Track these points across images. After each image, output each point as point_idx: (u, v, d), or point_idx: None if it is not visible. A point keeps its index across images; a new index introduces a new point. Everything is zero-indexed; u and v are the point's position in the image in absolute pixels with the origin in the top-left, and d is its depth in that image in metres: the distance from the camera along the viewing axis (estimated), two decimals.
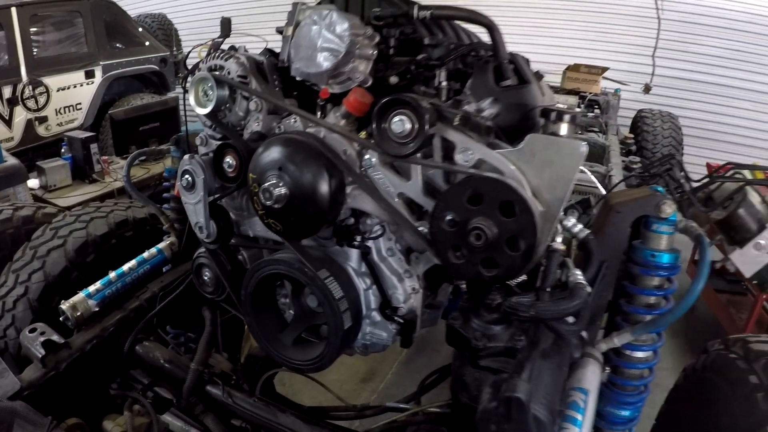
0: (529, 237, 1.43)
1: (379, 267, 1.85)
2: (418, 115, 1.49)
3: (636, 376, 1.79)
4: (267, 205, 1.64)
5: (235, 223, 2.03)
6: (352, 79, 1.75)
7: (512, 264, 1.47)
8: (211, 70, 1.87)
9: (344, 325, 1.70)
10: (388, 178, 1.67)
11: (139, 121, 5.69)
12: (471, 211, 1.47)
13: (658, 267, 1.68)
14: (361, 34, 1.73)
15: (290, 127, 1.81)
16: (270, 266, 1.76)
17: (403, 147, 1.52)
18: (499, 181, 1.45)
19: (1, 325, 2.39)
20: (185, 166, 1.90)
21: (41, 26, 7.22)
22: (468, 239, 1.46)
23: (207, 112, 1.81)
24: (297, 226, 1.68)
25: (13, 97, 6.69)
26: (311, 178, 1.61)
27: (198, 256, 2.11)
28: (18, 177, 4.69)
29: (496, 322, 1.62)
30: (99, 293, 2.28)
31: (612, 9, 7.65)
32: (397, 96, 1.51)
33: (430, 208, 1.59)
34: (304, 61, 1.74)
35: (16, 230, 2.88)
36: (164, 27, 8.96)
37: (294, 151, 1.63)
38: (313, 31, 1.73)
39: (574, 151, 1.46)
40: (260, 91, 1.81)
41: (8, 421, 1.60)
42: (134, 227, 2.80)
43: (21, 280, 2.44)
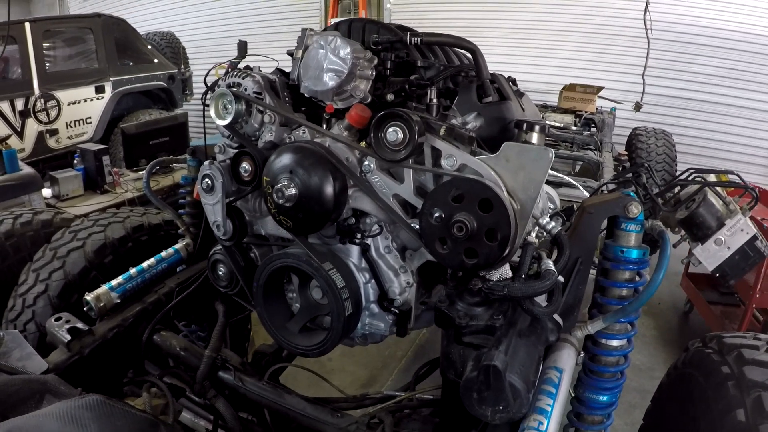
0: (505, 229, 1.62)
1: (377, 263, 2.08)
2: (408, 126, 1.74)
3: (612, 363, 1.96)
4: (279, 204, 1.88)
5: (249, 224, 2.26)
6: (353, 96, 1.99)
7: (490, 253, 1.65)
8: (229, 87, 2.10)
9: (346, 311, 1.92)
10: (384, 181, 1.90)
11: (150, 135, 5.90)
12: (454, 207, 1.67)
13: (627, 261, 1.87)
14: (361, 57, 1.98)
15: (299, 137, 2.04)
16: (280, 259, 1.99)
17: (396, 153, 1.77)
18: (478, 182, 1.66)
19: (22, 320, 2.53)
20: (205, 171, 2.13)
21: (54, 42, 7.42)
22: (452, 231, 1.67)
23: (226, 123, 2.05)
24: (305, 223, 1.91)
25: (25, 109, 6.88)
26: (318, 180, 1.84)
27: (214, 253, 2.33)
28: (33, 185, 4.90)
29: (478, 305, 1.80)
30: (120, 287, 2.50)
31: (606, 30, 7.90)
32: (391, 110, 1.76)
33: (420, 206, 1.80)
34: (312, 80, 1.98)
35: (35, 233, 3.03)
36: (172, 45, 9.17)
37: (303, 157, 1.87)
38: (320, 54, 1.97)
39: (543, 157, 1.67)
40: (273, 105, 2.04)
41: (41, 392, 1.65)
42: (149, 232, 2.98)
43: (41, 278, 2.59)
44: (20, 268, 2.73)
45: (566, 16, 8.22)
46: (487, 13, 8.55)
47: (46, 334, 2.37)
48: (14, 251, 2.96)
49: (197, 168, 2.80)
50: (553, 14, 8.27)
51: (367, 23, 2.24)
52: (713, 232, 2.21)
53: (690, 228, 2.28)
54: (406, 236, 2.04)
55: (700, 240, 2.26)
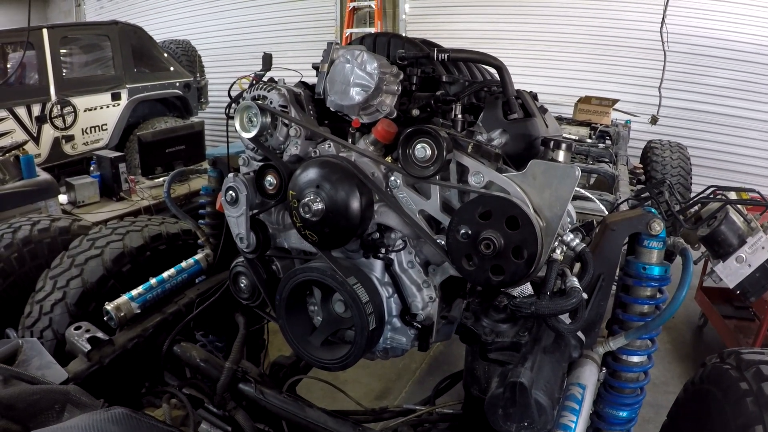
0: (532, 247, 1.62)
1: (400, 277, 2.08)
2: (437, 143, 1.74)
3: (632, 379, 1.97)
4: (305, 218, 1.88)
5: (272, 236, 2.26)
6: (379, 111, 1.99)
7: (517, 270, 1.66)
8: (254, 100, 2.11)
9: (369, 326, 1.92)
10: (411, 197, 1.90)
11: (166, 143, 5.92)
12: (481, 224, 1.68)
13: (649, 278, 1.88)
14: (387, 72, 1.98)
15: (325, 151, 2.04)
16: (304, 273, 1.99)
17: (424, 170, 1.77)
18: (505, 199, 1.67)
19: (38, 327, 2.52)
20: (229, 183, 2.14)
21: (71, 48, 7.52)
22: (479, 249, 1.67)
23: (251, 136, 2.05)
24: (330, 237, 1.91)
25: (41, 115, 6.96)
26: (345, 195, 1.85)
27: (236, 265, 2.33)
28: (50, 191, 4.93)
29: (503, 321, 1.82)
30: (141, 297, 2.50)
31: (622, 42, 7.87)
32: (419, 127, 1.76)
33: (447, 223, 1.80)
34: (338, 95, 1.98)
35: (52, 240, 3.04)
36: (188, 53, 9.23)
37: (330, 172, 1.87)
38: (346, 68, 1.97)
39: (570, 175, 1.67)
40: (299, 119, 2.04)
41: (62, 402, 1.64)
42: (167, 241, 2.98)
43: (59, 285, 2.58)
44: (37, 275, 2.73)
45: (581, 28, 8.21)
46: (502, 25, 8.55)
47: (63, 342, 2.37)
48: (31, 258, 2.96)
49: (218, 179, 2.81)
50: (568, 26, 8.26)
51: (393, 38, 2.25)
52: (735, 249, 2.21)
53: (711, 245, 2.29)
54: (429, 251, 2.04)
55: (721, 257, 2.27)
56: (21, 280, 2.89)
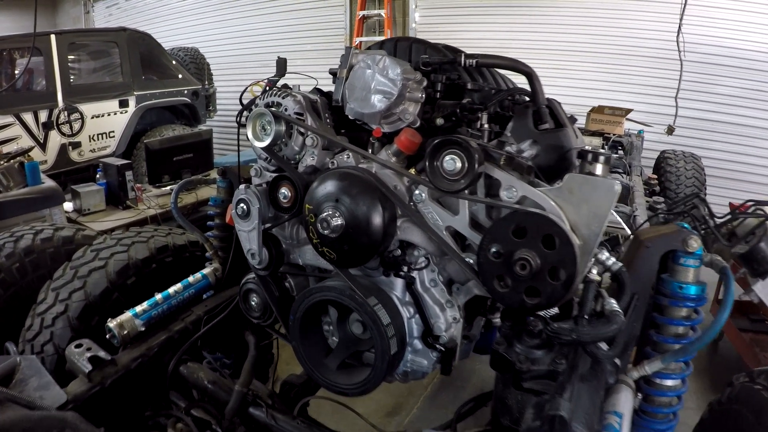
0: (570, 267, 1.51)
1: (422, 297, 1.94)
2: (468, 154, 1.61)
3: (665, 404, 1.87)
4: (323, 234, 1.75)
5: (285, 252, 2.14)
6: (402, 120, 1.87)
7: (553, 292, 1.54)
8: (268, 107, 1.99)
9: (391, 350, 1.79)
10: (437, 213, 1.77)
11: (174, 151, 5.82)
12: (516, 243, 1.57)
13: (685, 298, 1.78)
14: (411, 78, 1.85)
15: (343, 162, 1.92)
16: (321, 293, 1.86)
17: (453, 183, 1.64)
18: (542, 216, 1.55)
19: (39, 341, 2.42)
20: (241, 195, 2.01)
21: (79, 54, 7.47)
22: (513, 269, 1.56)
23: (265, 145, 1.93)
24: (350, 255, 1.78)
25: (48, 121, 6.91)
26: (366, 210, 1.72)
27: (246, 282, 2.21)
28: (55, 199, 4.82)
29: (538, 347, 1.70)
30: (145, 314, 2.37)
31: (635, 51, 7.74)
32: (449, 137, 1.63)
33: (476, 241, 1.69)
34: (358, 102, 1.86)
35: (55, 250, 2.96)
36: (197, 61, 9.16)
37: (351, 185, 1.74)
38: (367, 74, 1.85)
39: (609, 190, 1.56)
40: (316, 127, 1.92)
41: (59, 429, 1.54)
42: (174, 253, 2.86)
43: (61, 298, 2.49)
44: (39, 286, 2.64)
45: (593, 37, 8.08)
46: (514, 34, 8.42)
47: (64, 358, 2.26)
48: (33, 268, 2.88)
49: (227, 189, 2.70)
50: (580, 35, 8.13)
51: (414, 43, 2.13)
52: None
53: (750, 263, 2.19)
54: (453, 269, 1.91)
55: (760, 275, 2.17)
56: (22, 291, 2.80)
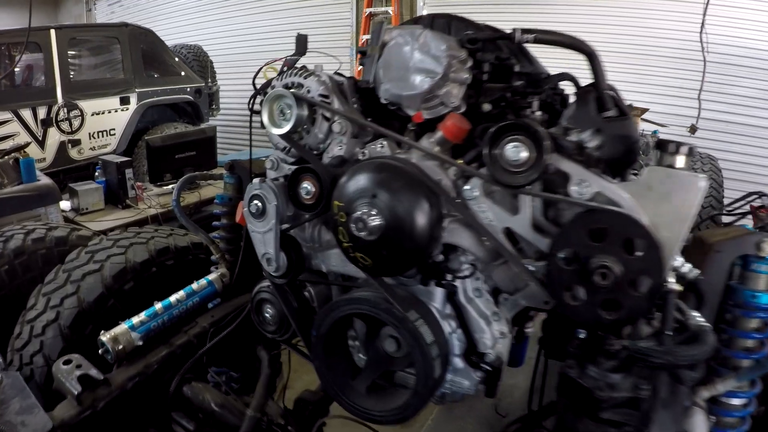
0: (656, 276, 1.31)
1: (465, 308, 1.68)
2: (536, 142, 1.34)
3: (733, 425, 1.75)
4: (357, 237, 1.47)
5: (305, 257, 1.86)
6: (445, 104, 1.59)
7: (636, 305, 1.33)
8: (287, 88, 1.72)
9: (435, 372, 1.52)
10: (493, 211, 1.50)
11: (176, 148, 5.59)
12: (593, 247, 1.34)
13: (758, 308, 1.66)
14: (456, 56, 1.58)
15: (376, 152, 1.65)
16: (351, 306, 1.58)
17: (517, 176, 1.37)
18: (626, 216, 1.34)
19: (28, 351, 2.23)
20: (255, 190, 1.74)
21: (79, 50, 7.32)
22: (591, 279, 1.32)
23: (284, 132, 1.65)
24: (389, 262, 1.51)
25: (47, 118, 6.76)
26: (411, 207, 1.44)
27: (259, 291, 1.93)
28: (50, 197, 4.63)
29: (615, 370, 1.48)
30: (143, 326, 2.10)
31: (654, 51, 7.52)
32: (514, 120, 1.37)
33: (539, 245, 1.46)
34: (395, 83, 1.59)
35: (48, 251, 2.78)
36: (200, 58, 8.96)
37: (391, 178, 1.46)
38: (405, 51, 1.58)
39: (695, 185, 1.36)
40: (346, 111, 1.65)
41: None
42: (175, 255, 2.64)
43: (52, 304, 2.30)
44: (30, 290, 2.45)
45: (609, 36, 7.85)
46: None
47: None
48: (24, 270, 2.72)
49: (236, 186, 2.43)
50: (596, 33, 7.87)
51: (454, 19, 1.87)
52: None
53: None
54: (500, 276, 1.64)
55: None
56: (12, 296, 2.62)
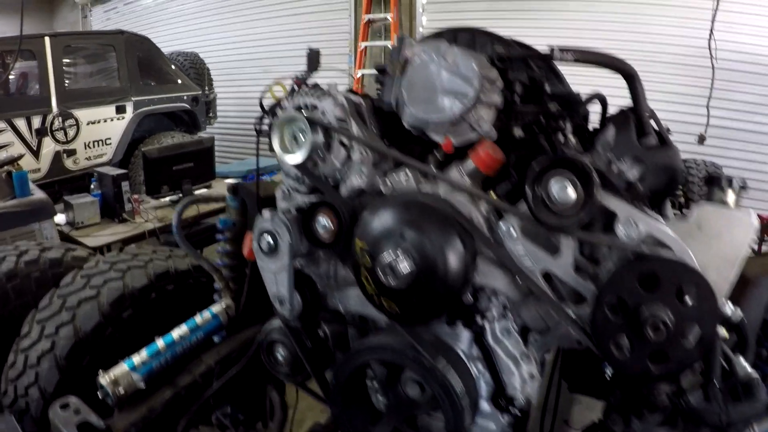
0: (709, 326, 1.23)
1: (493, 350, 1.55)
2: (585, 179, 1.21)
3: None
4: (386, 284, 1.33)
5: (320, 295, 1.72)
6: (475, 130, 1.45)
7: (687, 357, 1.25)
8: (299, 110, 1.58)
9: (465, 423, 1.39)
10: (531, 252, 1.37)
11: (173, 160, 5.40)
12: (643, 296, 1.23)
13: None
14: (488, 76, 1.45)
15: (400, 183, 1.51)
16: (374, 353, 1.45)
17: (564, 218, 1.24)
18: (679, 264, 1.23)
19: (23, 382, 2.11)
20: (265, 224, 1.59)
21: (74, 58, 7.19)
22: (642, 329, 1.21)
23: (298, 161, 1.51)
24: (420, 309, 1.37)
25: (42, 127, 6.62)
26: (444, 251, 1.30)
27: (270, 332, 1.78)
28: (45, 212, 4.46)
29: (662, 424, 1.37)
30: (145, 366, 1.94)
31: (659, 58, 7.40)
32: (559, 156, 1.25)
33: (582, 290, 1.33)
34: (421, 106, 1.45)
35: (42, 273, 2.63)
36: (197, 66, 8.79)
37: (423, 217, 1.32)
38: (431, 69, 1.44)
39: (746, 224, 1.31)
40: (368, 138, 1.51)
41: None
42: (176, 280, 2.48)
43: (47, 332, 2.16)
44: (23, 315, 2.32)
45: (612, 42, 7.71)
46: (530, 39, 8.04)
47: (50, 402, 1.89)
48: (17, 295, 2.57)
49: (239, 210, 2.28)
50: (600, 40, 7.77)
51: (479, 34, 1.73)
52: None
53: None
54: (529, 315, 1.51)
55: None
56: (4, 322, 2.48)
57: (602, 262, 1.41)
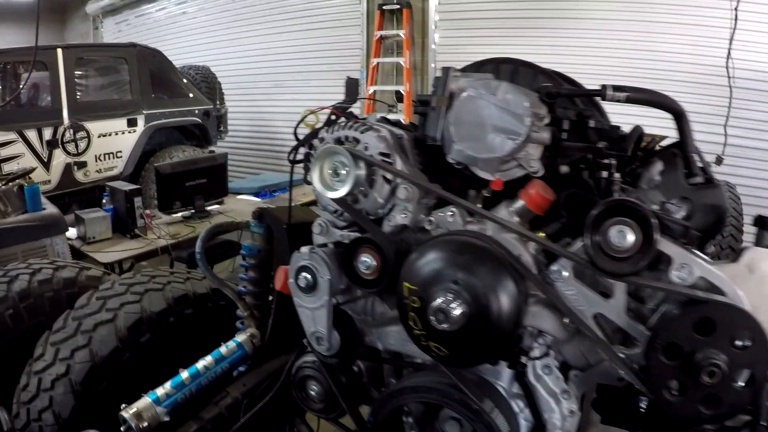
0: (762, 369, 1.22)
1: (534, 387, 1.50)
2: (645, 225, 1.17)
3: None
4: (435, 327, 1.29)
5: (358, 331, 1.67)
6: (523, 168, 1.42)
7: (738, 401, 1.23)
8: (339, 143, 1.54)
9: None
10: (583, 295, 1.33)
11: (186, 176, 5.35)
12: (698, 341, 1.21)
13: None
14: (538, 114, 1.41)
15: (445, 221, 1.47)
16: (417, 394, 1.40)
17: (623, 264, 1.21)
18: (735, 308, 1.20)
19: (36, 405, 2.04)
20: (303, 261, 1.55)
21: (86, 70, 7.17)
22: (695, 375, 1.20)
23: (340, 196, 1.47)
24: (470, 353, 1.33)
25: (53, 139, 6.59)
26: (499, 294, 1.26)
27: (303, 368, 1.73)
28: (56, 227, 4.40)
29: None
30: (169, 399, 1.88)
31: (674, 77, 7.33)
32: (620, 200, 1.21)
33: (633, 331, 1.31)
34: (470, 143, 1.41)
35: (55, 293, 2.58)
36: (208, 80, 8.76)
37: (476, 260, 1.28)
38: (480, 106, 1.41)
39: None
40: (414, 176, 1.47)
41: None
42: (194, 303, 2.42)
43: (62, 356, 2.10)
44: (36, 336, 2.27)
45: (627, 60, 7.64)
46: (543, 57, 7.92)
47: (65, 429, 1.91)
48: (29, 315, 2.50)
49: (265, 236, 2.23)
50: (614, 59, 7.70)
51: (522, 65, 1.70)
52: None
53: None
54: (571, 352, 1.48)
55: None
56: (17, 342, 2.41)
57: (646, 301, 1.38)
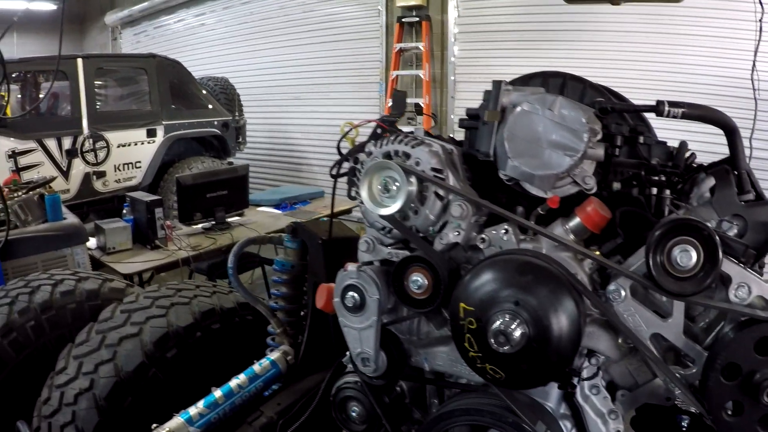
0: None
1: (582, 408, 1.47)
2: (709, 245, 1.15)
3: None
4: (494, 350, 1.25)
5: None
6: (578, 184, 1.39)
7: None
8: (388, 158, 1.51)
9: None
10: (641, 315, 1.30)
11: (207, 187, 5.33)
12: (759, 361, 1.20)
13: None
14: (594, 130, 1.38)
15: (499, 239, 1.43)
16: (469, 416, 1.36)
17: (686, 284, 1.18)
18: None
19: (59, 420, 1.99)
20: (351, 279, 1.52)
21: (106, 80, 7.23)
22: (756, 395, 1.18)
23: (392, 212, 1.44)
24: (528, 375, 1.29)
25: (72, 148, 6.63)
26: (561, 315, 1.23)
27: (344, 388, 1.69)
28: (77, 237, 4.40)
29: None
30: (202, 418, 1.84)
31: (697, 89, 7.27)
32: (683, 220, 1.18)
33: (691, 351, 1.29)
34: (525, 159, 1.38)
35: (78, 305, 2.53)
36: (227, 91, 8.77)
37: (538, 281, 1.24)
38: (535, 120, 1.38)
39: None
40: (464, 190, 1.44)
41: None
42: (221, 318, 2.38)
43: (85, 370, 2.06)
44: (58, 348, 2.26)
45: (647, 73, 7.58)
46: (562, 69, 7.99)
47: None
48: (51, 327, 2.45)
49: (298, 252, 2.20)
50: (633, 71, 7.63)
51: (571, 79, 1.67)
52: None
53: None
54: (619, 372, 1.45)
55: None
56: (38, 354, 2.38)
57: (697, 320, 1.36)
